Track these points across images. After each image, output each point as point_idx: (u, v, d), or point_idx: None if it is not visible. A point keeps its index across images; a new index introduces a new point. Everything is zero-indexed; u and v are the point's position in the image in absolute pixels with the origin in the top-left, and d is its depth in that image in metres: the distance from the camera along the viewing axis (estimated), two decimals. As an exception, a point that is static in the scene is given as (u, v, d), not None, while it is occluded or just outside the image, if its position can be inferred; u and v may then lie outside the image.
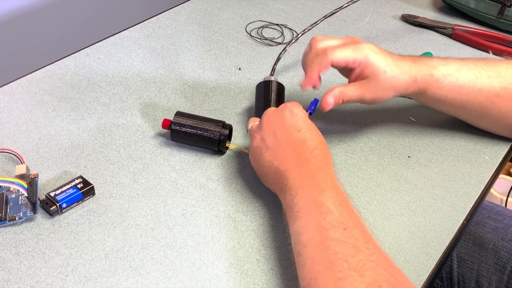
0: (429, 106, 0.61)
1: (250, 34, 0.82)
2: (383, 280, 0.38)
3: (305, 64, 0.56)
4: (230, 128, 0.58)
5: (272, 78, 0.65)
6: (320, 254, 0.41)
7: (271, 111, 0.54)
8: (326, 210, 0.43)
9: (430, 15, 0.89)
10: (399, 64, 0.55)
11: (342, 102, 0.55)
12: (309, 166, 0.47)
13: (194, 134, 0.57)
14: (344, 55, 0.53)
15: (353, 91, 0.55)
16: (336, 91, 0.54)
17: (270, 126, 0.51)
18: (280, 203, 0.54)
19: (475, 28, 0.83)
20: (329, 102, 0.54)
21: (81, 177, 0.53)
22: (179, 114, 0.58)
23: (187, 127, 0.57)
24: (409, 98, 0.64)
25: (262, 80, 0.65)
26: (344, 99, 0.54)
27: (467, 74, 0.56)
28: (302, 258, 0.42)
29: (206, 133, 0.57)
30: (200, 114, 0.64)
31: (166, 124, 0.58)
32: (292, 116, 0.51)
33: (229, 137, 0.58)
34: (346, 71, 0.57)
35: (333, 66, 0.55)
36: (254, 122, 0.56)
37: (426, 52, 0.76)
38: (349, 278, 0.38)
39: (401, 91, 0.56)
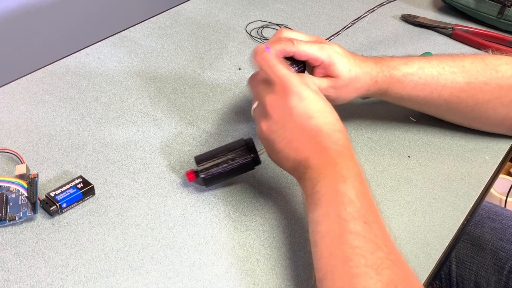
0: (394, 103, 0.61)
1: (250, 34, 0.82)
2: (400, 280, 0.38)
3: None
4: (252, 142, 0.53)
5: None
6: (338, 247, 0.40)
7: (270, 94, 0.48)
8: (348, 200, 0.41)
9: (430, 15, 0.89)
10: (361, 65, 0.55)
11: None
12: (329, 153, 0.45)
13: (227, 171, 0.52)
14: (310, 50, 0.53)
15: (323, 82, 0.54)
16: (308, 76, 0.54)
17: (277, 115, 0.47)
18: (281, 203, 0.54)
19: (475, 28, 0.83)
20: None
21: (81, 177, 0.53)
22: (199, 160, 0.52)
23: (216, 169, 0.52)
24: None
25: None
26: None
27: (430, 71, 0.57)
28: (319, 249, 0.41)
29: (238, 163, 0.52)
30: (200, 114, 0.65)
31: (192, 176, 0.53)
32: (301, 101, 0.46)
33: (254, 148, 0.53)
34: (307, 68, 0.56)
35: (294, 57, 0.54)
36: (255, 102, 0.52)
37: (426, 52, 0.76)
38: (366, 275, 0.37)
39: (363, 92, 0.57)
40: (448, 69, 0.57)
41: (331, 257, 0.40)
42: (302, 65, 0.55)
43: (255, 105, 0.51)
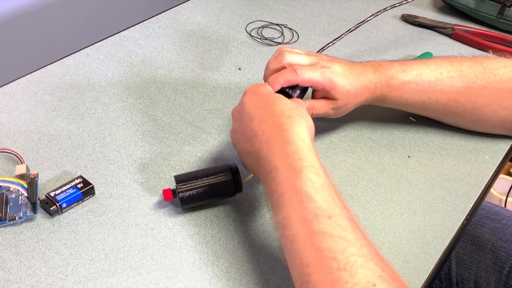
0: (395, 108, 0.61)
1: (250, 34, 0.82)
2: (376, 277, 0.36)
3: (269, 73, 0.55)
4: (236, 168, 0.52)
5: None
6: (308, 252, 0.38)
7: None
8: (306, 197, 0.40)
9: (430, 15, 0.89)
10: (360, 79, 0.55)
11: (311, 115, 0.55)
12: (282, 135, 0.44)
13: (206, 194, 0.50)
14: (313, 77, 0.53)
15: (322, 107, 0.56)
16: (307, 103, 0.55)
17: (238, 114, 0.50)
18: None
19: (475, 28, 0.83)
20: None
21: (81, 177, 0.53)
22: (180, 180, 0.50)
23: (196, 191, 0.50)
24: None
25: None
26: (313, 112, 0.56)
27: (428, 77, 0.57)
28: (291, 257, 0.40)
29: (218, 188, 0.50)
30: (200, 114, 0.65)
31: (169, 195, 0.50)
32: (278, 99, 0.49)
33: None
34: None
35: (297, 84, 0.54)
36: None
37: (426, 52, 0.76)
38: (340, 280, 0.36)
39: (361, 103, 0.58)
40: (446, 74, 0.57)
41: (303, 266, 0.38)
42: (304, 88, 0.55)
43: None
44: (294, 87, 0.54)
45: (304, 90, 0.55)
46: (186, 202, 0.50)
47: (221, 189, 0.51)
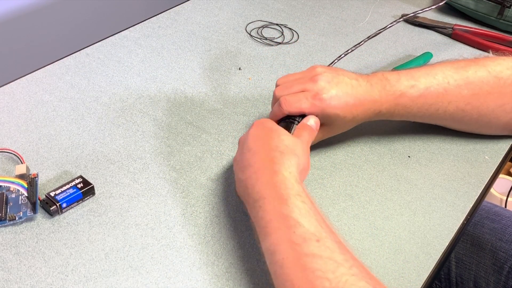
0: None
1: (250, 34, 0.82)
2: None
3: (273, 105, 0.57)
4: None
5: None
6: (298, 274, 0.39)
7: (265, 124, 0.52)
8: (294, 223, 0.41)
9: (430, 15, 0.89)
10: (363, 101, 0.54)
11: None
12: (272, 168, 0.46)
13: None
14: (299, 107, 0.53)
15: (316, 137, 0.55)
16: (317, 122, 0.54)
17: (246, 144, 0.50)
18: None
19: (475, 28, 0.83)
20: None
21: (81, 177, 0.53)
22: None
23: None
24: None
25: None
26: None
27: (436, 89, 0.56)
28: (281, 281, 0.40)
29: None
30: (200, 114, 0.65)
31: None
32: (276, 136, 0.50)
33: None
34: None
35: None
36: None
37: (426, 52, 0.76)
38: None
39: (365, 121, 0.57)
40: (453, 83, 0.56)
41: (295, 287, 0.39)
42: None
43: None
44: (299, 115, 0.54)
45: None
46: None
47: None
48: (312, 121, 0.53)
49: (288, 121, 0.54)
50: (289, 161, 0.46)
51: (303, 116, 0.54)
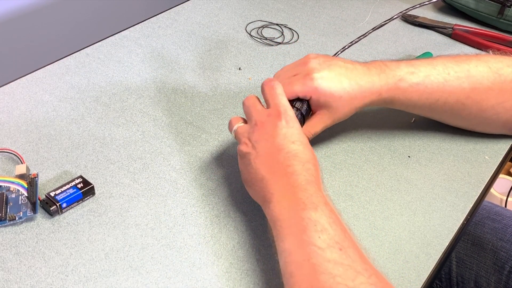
0: (399, 109, 0.60)
1: (250, 34, 0.82)
2: None
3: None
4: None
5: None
6: (317, 277, 0.39)
7: (263, 114, 0.50)
8: (321, 228, 0.41)
9: (430, 15, 0.89)
10: (360, 82, 0.54)
11: (310, 138, 0.55)
12: (299, 178, 0.45)
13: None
14: (291, 89, 0.52)
15: (316, 125, 0.55)
16: (304, 131, 0.53)
17: (263, 132, 0.48)
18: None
19: (475, 28, 0.83)
20: None
21: (81, 177, 0.53)
22: None
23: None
24: None
25: None
26: (311, 135, 0.55)
27: (436, 78, 0.56)
28: (297, 280, 0.40)
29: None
30: (200, 114, 0.65)
31: None
32: (288, 127, 0.48)
33: None
34: None
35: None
36: (238, 122, 0.52)
37: (426, 52, 0.76)
38: None
39: (365, 106, 0.56)
40: (454, 74, 0.56)
41: None
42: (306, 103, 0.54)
43: (236, 126, 0.52)
44: (301, 101, 0.54)
45: (305, 104, 0.54)
46: None
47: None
48: None
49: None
50: (306, 178, 0.45)
51: (301, 101, 0.53)
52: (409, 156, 0.60)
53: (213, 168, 0.57)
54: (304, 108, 0.54)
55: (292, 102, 0.53)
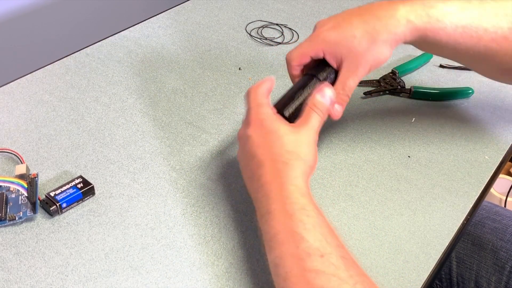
0: (430, 52, 0.56)
1: (250, 34, 0.82)
2: None
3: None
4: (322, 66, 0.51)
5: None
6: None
7: (268, 113, 0.48)
8: (298, 237, 0.40)
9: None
10: (376, 13, 0.49)
11: (347, 98, 0.51)
12: (282, 175, 0.45)
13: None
14: (300, 51, 0.51)
15: (346, 80, 0.50)
16: (333, 97, 0.50)
17: (257, 123, 0.48)
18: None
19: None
20: (338, 110, 0.51)
21: (81, 177, 0.53)
22: (281, 106, 0.50)
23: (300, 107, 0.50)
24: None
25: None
26: (346, 93, 0.51)
27: (471, 12, 0.50)
28: None
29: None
30: (200, 114, 0.65)
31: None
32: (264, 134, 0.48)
33: None
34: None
35: (304, 66, 0.53)
36: None
37: (426, 52, 0.76)
38: None
39: (398, 43, 0.50)
40: (491, 10, 0.51)
41: None
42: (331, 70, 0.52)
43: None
44: (321, 69, 0.51)
45: (325, 67, 0.51)
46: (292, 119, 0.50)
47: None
48: (327, 94, 0.49)
49: (308, 75, 0.51)
50: (294, 172, 0.45)
51: (323, 70, 0.51)
52: (409, 156, 0.60)
53: (213, 168, 0.57)
54: (332, 77, 0.51)
55: (316, 74, 0.51)
